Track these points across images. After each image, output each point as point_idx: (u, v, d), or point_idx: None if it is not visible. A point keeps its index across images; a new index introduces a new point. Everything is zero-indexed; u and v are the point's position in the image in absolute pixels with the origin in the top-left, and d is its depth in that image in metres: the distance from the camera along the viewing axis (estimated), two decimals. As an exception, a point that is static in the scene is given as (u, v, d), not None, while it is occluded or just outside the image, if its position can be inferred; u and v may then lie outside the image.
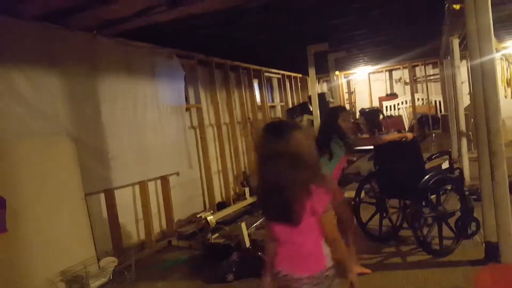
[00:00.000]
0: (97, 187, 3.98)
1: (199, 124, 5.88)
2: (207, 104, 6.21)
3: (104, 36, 4.12)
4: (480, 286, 2.57)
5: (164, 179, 4.96)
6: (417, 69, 11.18)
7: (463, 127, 6.10)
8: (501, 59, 6.93)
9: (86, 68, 3.93)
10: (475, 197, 3.82)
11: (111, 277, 3.60)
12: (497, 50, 6.06)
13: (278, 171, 1.62)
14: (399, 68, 11.38)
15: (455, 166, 4.08)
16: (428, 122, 10.21)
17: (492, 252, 2.98)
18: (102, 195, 4.13)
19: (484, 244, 3.20)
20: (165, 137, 4.87)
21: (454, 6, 3.81)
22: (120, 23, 3.85)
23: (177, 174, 5.27)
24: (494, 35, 3.18)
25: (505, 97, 7.05)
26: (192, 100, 5.90)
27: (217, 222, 4.70)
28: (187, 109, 5.63)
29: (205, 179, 5.92)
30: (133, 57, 4.53)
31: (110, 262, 3.66)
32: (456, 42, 5.69)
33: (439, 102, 10.90)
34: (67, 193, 3.47)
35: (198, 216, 4.83)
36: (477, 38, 2.84)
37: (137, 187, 4.61)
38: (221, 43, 5.47)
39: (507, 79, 6.75)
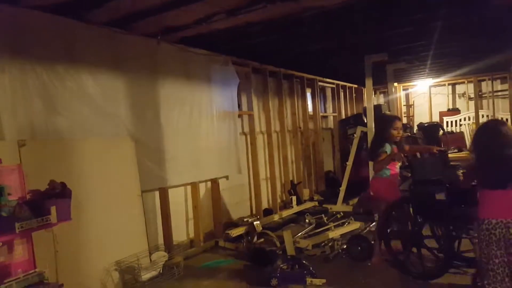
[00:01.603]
0: (152, 185, 4.20)
1: (250, 130, 5.99)
2: (259, 112, 6.32)
3: (166, 42, 4.33)
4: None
5: (215, 182, 5.12)
6: (483, 83, 10.52)
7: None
8: None
9: (148, 73, 4.17)
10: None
11: (161, 271, 3.79)
12: None
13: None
14: (463, 82, 10.78)
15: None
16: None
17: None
18: (157, 193, 4.34)
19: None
20: (218, 142, 5.03)
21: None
22: (181, 29, 4.03)
23: (227, 178, 5.41)
24: None
25: None
26: (244, 107, 6.04)
27: (263, 228, 4.76)
28: (239, 116, 5.76)
29: (253, 185, 6.02)
30: (191, 63, 4.74)
31: (161, 257, 3.86)
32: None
33: (507, 119, 10.15)
34: (125, 189, 3.72)
35: (245, 220, 4.93)
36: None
37: (189, 188, 4.80)
38: (276, 52, 5.55)
39: None
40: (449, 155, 5.07)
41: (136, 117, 3.99)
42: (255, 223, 4.65)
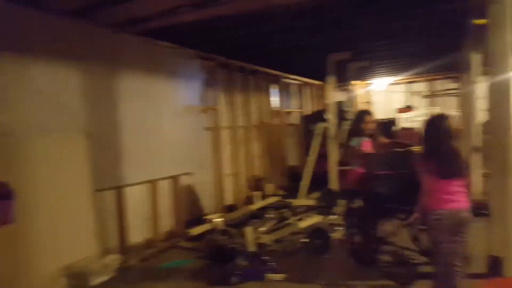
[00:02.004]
0: (107, 183, 4.05)
1: (215, 126, 5.95)
2: (224, 107, 6.29)
3: (128, 34, 4.19)
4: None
5: (175, 179, 5.03)
6: (436, 82, 11.07)
7: (476, 142, 6.03)
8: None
9: (106, 65, 4.03)
10: (486, 212, 3.77)
11: (115, 274, 3.65)
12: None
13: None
14: (418, 81, 11.28)
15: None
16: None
17: (495, 266, 2.95)
18: (113, 192, 4.17)
19: (488, 259, 3.17)
20: (179, 137, 4.98)
21: (480, 21, 3.79)
22: (145, 21, 3.91)
23: (189, 174, 5.35)
24: None
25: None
26: (209, 102, 5.99)
27: (226, 225, 4.75)
28: (204, 111, 5.71)
29: (216, 181, 5.98)
30: (154, 56, 4.65)
31: (114, 259, 3.71)
32: (476, 57, 5.65)
33: (457, 116, 10.73)
34: (76, 188, 3.56)
35: (207, 217, 4.89)
36: (497, 55, 2.85)
37: (147, 186, 4.66)
38: (242, 47, 5.55)
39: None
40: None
41: (91, 111, 3.84)
42: (217, 220, 4.64)
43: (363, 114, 4.16)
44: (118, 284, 3.58)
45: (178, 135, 4.98)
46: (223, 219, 4.78)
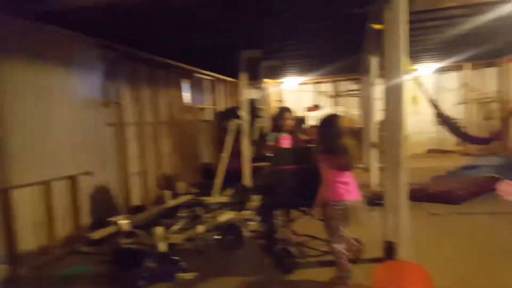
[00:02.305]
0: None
1: (119, 121, 5.57)
2: (129, 101, 5.91)
3: (13, 17, 3.70)
4: (377, 281, 2.79)
5: (73, 180, 4.58)
6: (340, 84, 11.94)
7: (374, 139, 6.63)
8: (411, 79, 7.67)
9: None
10: (381, 202, 4.13)
11: (1, 286, 3.25)
12: (409, 72, 6.68)
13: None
14: (325, 82, 12.03)
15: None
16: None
17: (390, 251, 3.24)
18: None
19: (384, 244, 3.47)
20: (78, 134, 4.56)
21: (376, 26, 4.10)
22: (35, 2, 3.51)
23: (89, 174, 4.92)
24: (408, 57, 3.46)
25: (412, 114, 7.82)
26: (111, 96, 5.58)
27: (132, 227, 4.48)
28: (106, 105, 5.31)
29: (122, 181, 5.63)
30: (47, 43, 4.18)
31: None
32: (374, 60, 6.16)
33: (357, 115, 11.70)
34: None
35: (109, 220, 4.55)
36: (391, 59, 3.10)
37: (40, 188, 4.16)
38: (148, 38, 5.27)
39: (414, 98, 7.47)
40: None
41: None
42: (121, 222, 4.34)
43: (283, 110, 4.34)
44: None
45: (77, 131, 4.55)
46: (128, 220, 4.50)
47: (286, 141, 4.21)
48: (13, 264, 3.42)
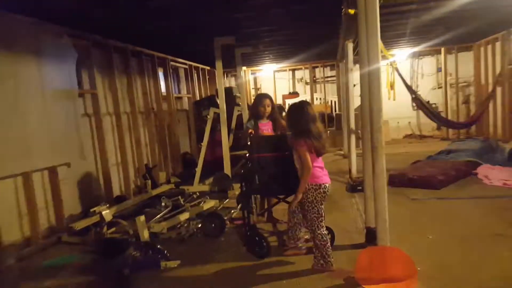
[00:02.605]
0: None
1: (95, 112, 5.46)
2: (104, 91, 5.79)
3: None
4: (360, 266, 2.87)
5: (52, 171, 4.52)
6: (317, 70, 12.00)
7: (353, 125, 6.72)
8: (387, 64, 7.79)
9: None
10: (361, 188, 4.23)
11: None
12: (385, 57, 6.78)
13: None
14: (301, 68, 12.07)
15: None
16: (324, 120, 11.02)
17: (371, 236, 3.34)
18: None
19: (365, 230, 3.58)
20: (53, 124, 4.44)
21: (349, 10, 4.09)
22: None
23: (68, 165, 4.84)
24: (384, 43, 3.46)
25: (388, 99, 7.95)
26: (86, 85, 5.46)
27: (114, 217, 4.45)
28: (81, 95, 5.19)
29: (101, 171, 5.56)
30: (14, 32, 4.01)
31: None
32: (350, 46, 6.19)
33: (335, 102, 11.84)
34: None
35: (92, 210, 4.52)
36: (366, 43, 3.11)
37: (19, 179, 4.11)
38: (121, 26, 5.15)
39: (390, 83, 7.60)
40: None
41: None
42: (103, 212, 4.31)
43: (261, 97, 4.31)
44: None
45: (54, 122, 4.44)
46: (110, 210, 4.46)
47: (265, 128, 4.22)
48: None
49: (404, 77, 7.57)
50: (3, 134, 3.79)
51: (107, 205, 4.55)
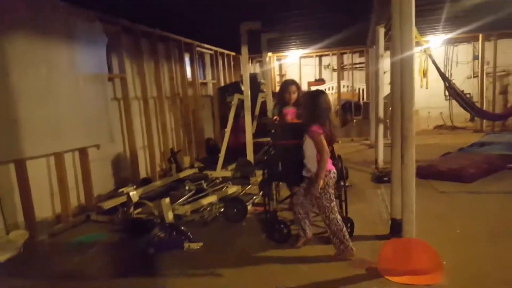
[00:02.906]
0: (5, 156, 3.64)
1: (124, 96, 5.56)
2: (132, 75, 5.89)
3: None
4: (383, 257, 2.83)
5: (83, 152, 4.67)
6: (345, 56, 11.72)
7: (381, 114, 6.56)
8: (420, 51, 7.50)
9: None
10: (387, 178, 4.15)
11: (21, 250, 3.38)
12: (419, 44, 6.54)
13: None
14: (328, 55, 11.82)
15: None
16: (351, 109, 10.82)
17: (396, 228, 3.28)
18: (12, 166, 3.77)
19: (390, 221, 3.51)
20: (84, 108, 4.55)
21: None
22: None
23: (98, 147, 4.97)
24: (418, 29, 3.30)
25: (421, 87, 7.66)
26: (115, 70, 5.55)
27: (140, 198, 4.57)
28: (110, 79, 5.29)
29: (129, 154, 5.68)
30: (46, 17, 4.09)
31: (20, 235, 3.45)
32: (381, 31, 5.99)
33: (363, 89, 11.58)
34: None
35: (120, 191, 4.65)
36: (399, 28, 3.00)
37: (52, 159, 4.27)
38: (149, 11, 5.16)
39: (424, 70, 7.33)
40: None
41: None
42: (131, 193, 4.42)
43: (287, 83, 4.25)
44: (27, 259, 3.32)
45: (82, 105, 4.55)
46: (137, 191, 4.58)
47: (289, 115, 4.17)
48: (31, 230, 3.53)
49: (437, 65, 7.27)
50: (37, 116, 3.91)
51: (134, 187, 4.66)
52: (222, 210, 4.33)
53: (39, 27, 4.01)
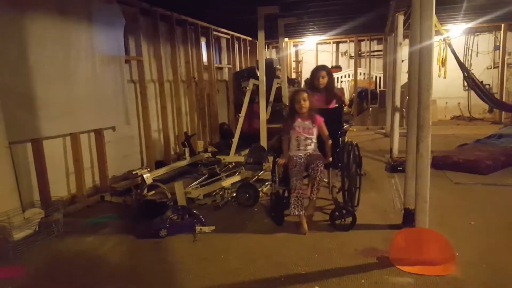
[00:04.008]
0: (22, 135, 3.71)
1: (140, 78, 5.59)
2: (149, 58, 5.90)
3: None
4: (395, 246, 2.82)
5: (98, 133, 4.72)
6: (363, 43, 11.51)
7: (398, 102, 6.46)
8: (439, 40, 7.32)
9: (10, 7, 3.51)
10: (402, 168, 4.10)
11: (37, 229, 3.45)
12: (438, 33, 6.37)
13: None
14: (346, 41, 11.64)
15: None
16: (367, 97, 10.67)
17: (409, 218, 3.25)
18: (29, 145, 3.85)
19: (403, 211, 3.49)
20: (100, 89, 4.59)
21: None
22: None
23: (113, 129, 5.04)
24: (438, 18, 3.21)
25: (439, 76, 7.51)
26: (132, 52, 5.57)
27: (154, 180, 4.63)
28: (127, 61, 5.31)
29: (144, 136, 5.74)
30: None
31: (36, 214, 3.50)
32: (401, 18, 5.86)
33: (380, 78, 11.39)
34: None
35: (134, 172, 4.72)
36: (419, 16, 2.93)
37: (68, 139, 4.35)
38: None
39: (442, 59, 7.16)
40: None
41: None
42: (145, 175, 4.48)
43: (317, 69, 4.31)
44: (43, 238, 3.41)
45: (99, 86, 4.58)
46: (151, 174, 4.64)
47: (318, 100, 4.14)
48: (47, 209, 3.61)
49: (457, 54, 7.09)
50: (53, 96, 3.97)
51: (148, 169, 4.71)
52: (234, 195, 4.36)
53: (59, 7, 4.03)
